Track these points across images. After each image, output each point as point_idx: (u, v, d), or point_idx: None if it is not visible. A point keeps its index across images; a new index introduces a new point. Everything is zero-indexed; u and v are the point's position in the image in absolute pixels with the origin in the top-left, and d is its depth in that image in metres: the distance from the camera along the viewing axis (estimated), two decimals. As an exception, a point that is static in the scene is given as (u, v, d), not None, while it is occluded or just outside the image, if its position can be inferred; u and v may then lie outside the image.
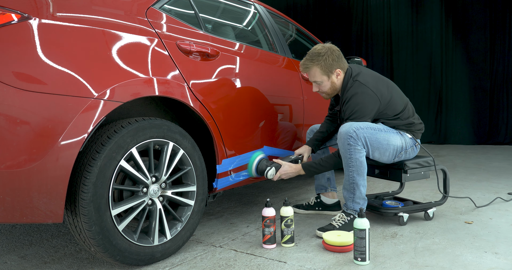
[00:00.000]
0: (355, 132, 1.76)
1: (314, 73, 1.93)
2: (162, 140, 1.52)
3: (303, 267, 1.47)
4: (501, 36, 5.76)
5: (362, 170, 1.80)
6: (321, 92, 2.00)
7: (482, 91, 5.93)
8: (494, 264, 1.46)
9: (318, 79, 1.94)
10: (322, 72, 1.91)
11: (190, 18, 1.84)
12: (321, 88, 1.97)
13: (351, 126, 1.78)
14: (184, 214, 1.63)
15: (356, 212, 1.82)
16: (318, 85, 1.97)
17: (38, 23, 1.20)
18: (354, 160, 1.78)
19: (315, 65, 1.91)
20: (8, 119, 1.12)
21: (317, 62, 1.90)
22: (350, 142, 1.77)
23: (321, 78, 1.93)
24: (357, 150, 1.78)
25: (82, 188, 1.28)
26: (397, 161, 1.97)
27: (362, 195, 1.82)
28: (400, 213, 1.93)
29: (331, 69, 1.91)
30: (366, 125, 1.81)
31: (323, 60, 1.89)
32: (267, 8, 2.59)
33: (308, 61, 1.93)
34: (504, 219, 2.02)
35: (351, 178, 1.80)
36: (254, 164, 1.94)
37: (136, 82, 1.41)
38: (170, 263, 1.54)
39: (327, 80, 1.93)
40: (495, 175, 3.30)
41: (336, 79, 1.94)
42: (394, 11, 6.48)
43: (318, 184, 2.25)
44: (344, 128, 1.79)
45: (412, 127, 1.97)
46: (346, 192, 1.84)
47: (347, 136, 1.77)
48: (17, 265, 1.57)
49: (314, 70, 1.92)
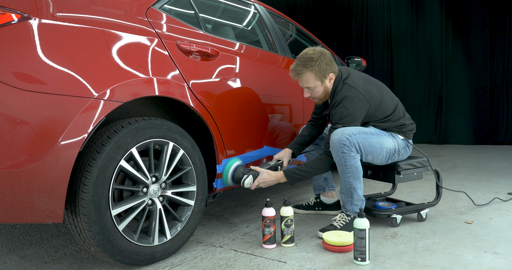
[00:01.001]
0: (348, 139, 1.74)
1: (307, 79, 1.84)
2: (162, 140, 1.52)
3: (303, 267, 1.47)
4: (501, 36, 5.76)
5: (358, 174, 1.79)
6: (313, 97, 1.93)
7: (482, 91, 5.92)
8: (494, 264, 1.46)
9: (311, 84, 1.85)
10: (316, 77, 1.83)
11: (190, 18, 1.84)
12: (314, 94, 1.90)
13: (343, 133, 1.75)
14: (184, 214, 1.63)
15: (356, 213, 1.82)
16: (311, 91, 1.89)
17: (38, 23, 1.20)
18: (350, 166, 1.77)
19: (309, 71, 1.82)
20: (8, 119, 1.12)
21: (310, 67, 1.81)
22: (344, 150, 1.75)
23: (315, 83, 1.85)
24: (351, 157, 1.76)
25: (82, 188, 1.28)
26: (391, 163, 1.96)
27: (360, 197, 1.81)
28: (393, 214, 1.92)
29: (324, 73, 1.83)
30: (358, 130, 1.79)
31: (317, 65, 1.80)
32: (267, 8, 2.59)
33: (300, 67, 1.83)
34: (504, 219, 2.02)
35: (348, 183, 1.80)
36: (229, 172, 1.82)
37: (136, 82, 1.41)
38: (170, 263, 1.54)
39: (320, 85, 1.86)
40: (495, 175, 3.30)
41: (329, 84, 1.88)
42: (394, 11, 6.48)
43: (315, 184, 2.25)
44: (336, 135, 1.76)
45: (403, 128, 1.96)
46: (344, 196, 1.84)
47: (340, 144, 1.75)
48: (17, 265, 1.57)
49: (307, 76, 1.83)
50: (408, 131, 1.99)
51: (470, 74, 5.99)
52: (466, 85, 6.02)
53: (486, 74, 5.89)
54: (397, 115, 1.95)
